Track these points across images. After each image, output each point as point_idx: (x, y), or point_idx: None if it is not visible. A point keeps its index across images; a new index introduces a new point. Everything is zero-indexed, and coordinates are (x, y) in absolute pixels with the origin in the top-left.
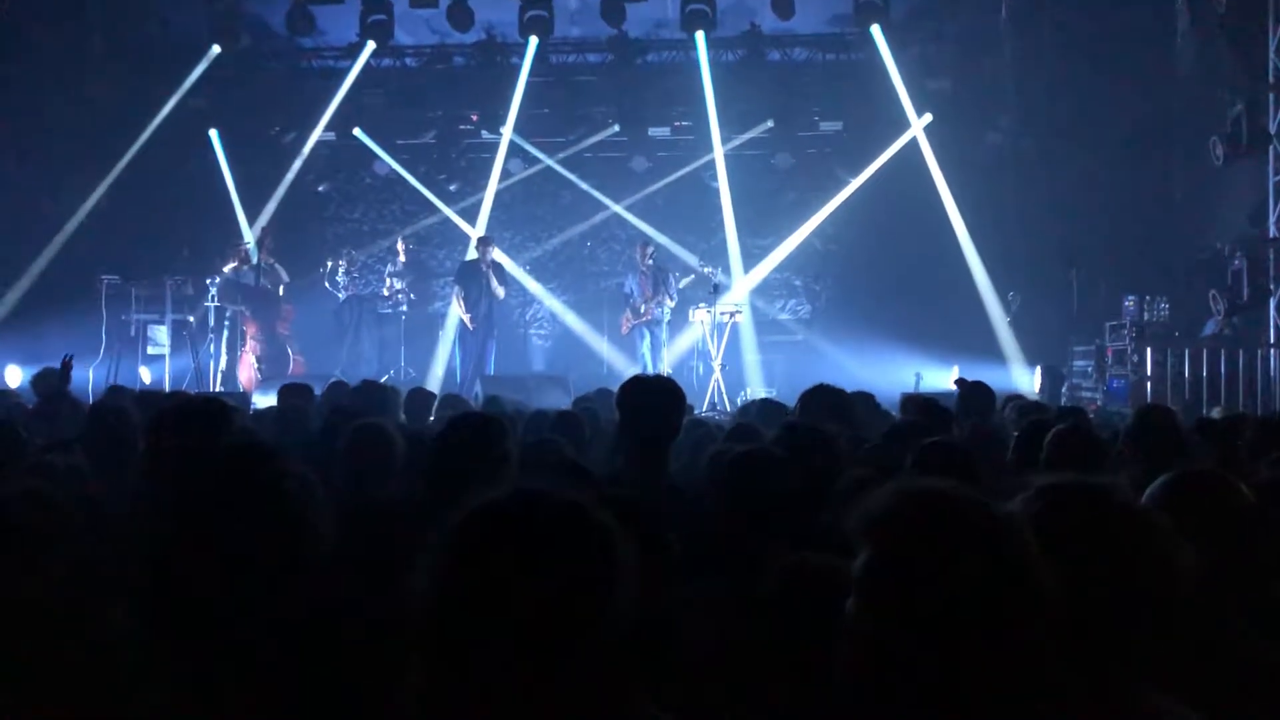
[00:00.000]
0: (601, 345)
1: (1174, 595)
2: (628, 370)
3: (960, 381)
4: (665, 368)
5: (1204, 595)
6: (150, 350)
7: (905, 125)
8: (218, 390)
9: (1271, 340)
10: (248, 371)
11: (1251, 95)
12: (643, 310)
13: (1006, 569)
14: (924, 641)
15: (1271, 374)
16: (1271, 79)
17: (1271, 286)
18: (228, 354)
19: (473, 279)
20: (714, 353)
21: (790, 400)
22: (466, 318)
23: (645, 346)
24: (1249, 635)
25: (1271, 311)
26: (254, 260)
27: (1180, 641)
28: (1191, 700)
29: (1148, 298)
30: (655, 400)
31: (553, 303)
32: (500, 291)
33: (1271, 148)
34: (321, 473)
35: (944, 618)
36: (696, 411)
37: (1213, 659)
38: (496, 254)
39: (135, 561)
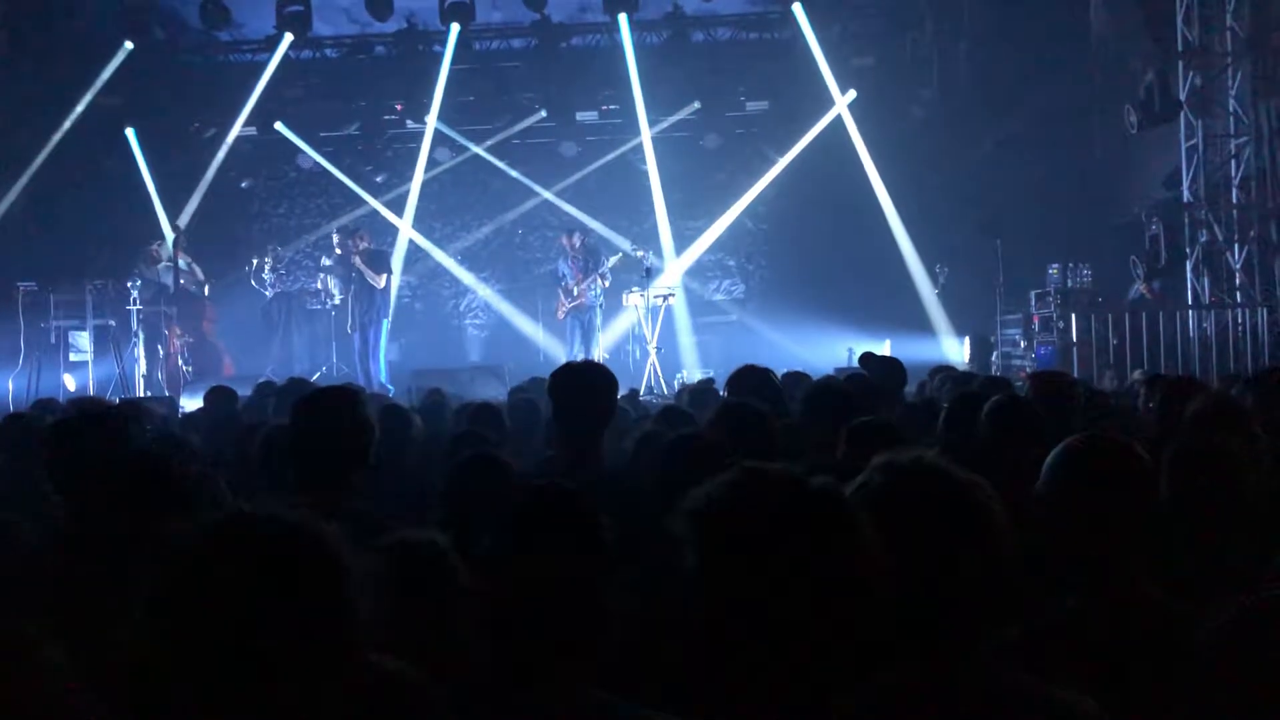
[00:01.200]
0: (537, 333)
1: (997, 563)
2: (564, 358)
3: (866, 357)
4: (601, 353)
5: (1104, 554)
6: (73, 357)
7: (830, 103)
8: (145, 395)
9: (1189, 302)
10: (174, 373)
11: (1162, 64)
12: (575, 292)
13: (833, 546)
14: (760, 629)
15: (1191, 335)
16: (1180, 48)
17: (1188, 250)
18: (147, 357)
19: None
20: (649, 336)
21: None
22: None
23: (577, 343)
24: (1149, 592)
25: (1189, 274)
26: (168, 260)
27: (1084, 599)
28: (1093, 654)
29: (1071, 265)
30: (586, 386)
31: (486, 292)
32: (379, 281)
33: (1183, 114)
34: (246, 475)
35: (774, 603)
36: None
37: (1116, 613)
38: (428, 246)
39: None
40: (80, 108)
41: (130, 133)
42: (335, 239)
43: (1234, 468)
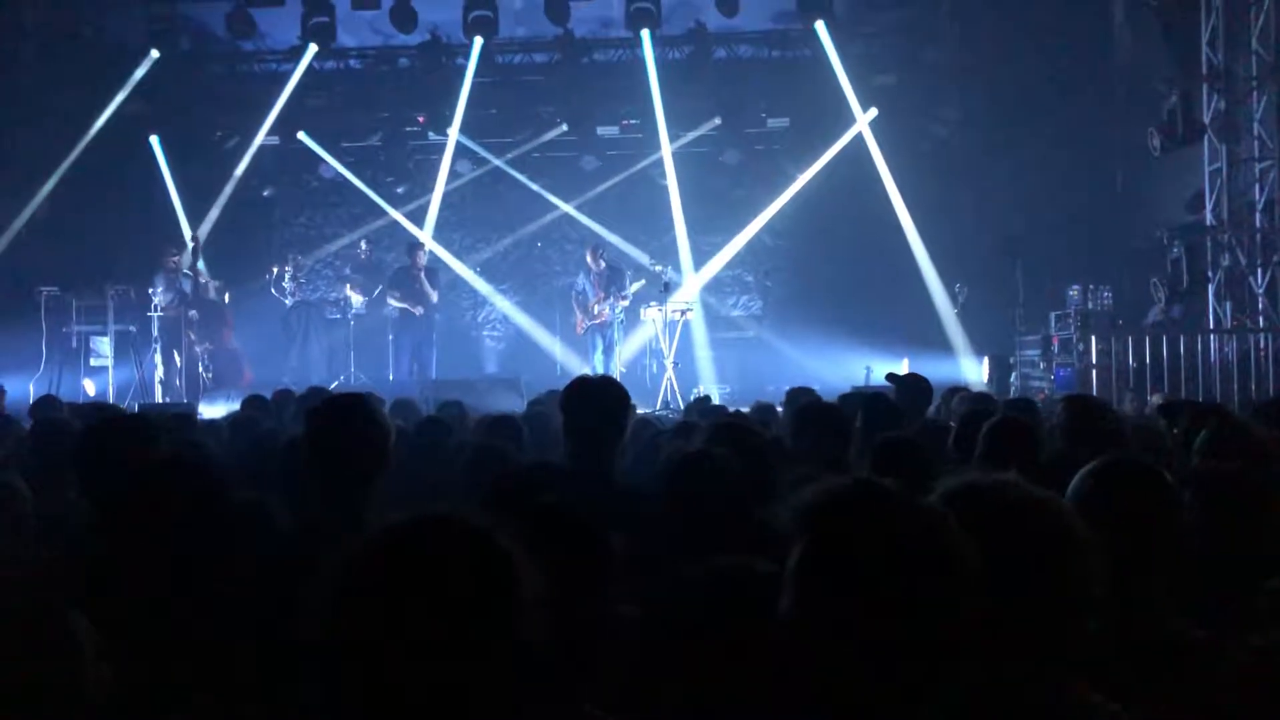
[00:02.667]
0: (554, 346)
1: (1086, 586)
2: (582, 371)
3: (891, 376)
4: (619, 367)
5: (1129, 580)
6: (93, 362)
7: (851, 120)
8: (164, 401)
9: (1211, 326)
10: (192, 379)
11: (1186, 87)
12: (595, 311)
13: (943, 560)
14: (861, 634)
15: (1212, 360)
16: (1205, 71)
17: (1210, 274)
18: (164, 364)
19: (407, 284)
20: (666, 351)
21: (745, 396)
22: (407, 305)
23: (598, 356)
24: (1174, 618)
25: (1210, 298)
26: (186, 269)
27: (1107, 627)
28: (1116, 684)
29: (1092, 286)
30: (599, 400)
31: (504, 304)
32: (433, 295)
33: (1206, 138)
34: (267, 483)
35: (881, 610)
36: (647, 410)
37: (1139, 643)
38: (447, 257)
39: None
40: (105, 115)
41: (154, 140)
42: (363, 247)
43: (1261, 496)
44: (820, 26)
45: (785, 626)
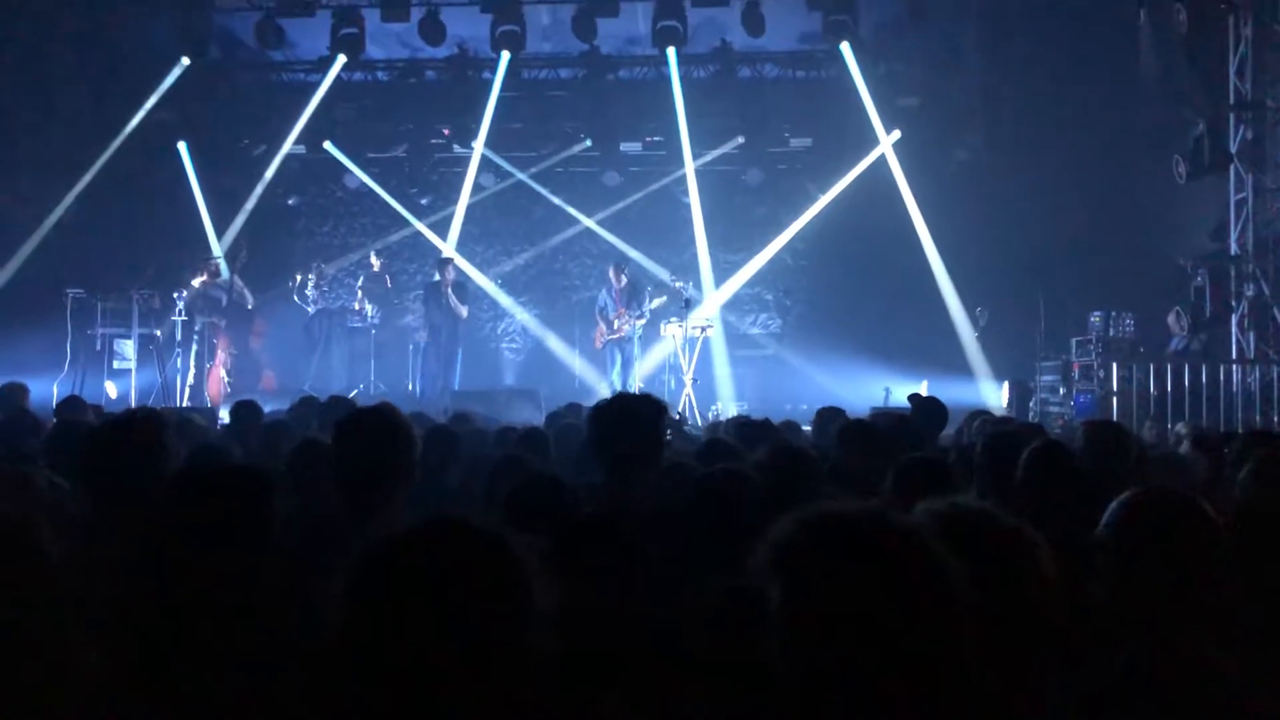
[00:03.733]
0: (573, 359)
1: (1049, 620)
2: (599, 385)
3: (914, 397)
4: (637, 383)
5: (1164, 609)
6: (116, 365)
7: (874, 142)
8: (185, 405)
9: (1234, 356)
10: (216, 385)
11: (1212, 115)
12: (616, 325)
13: (921, 588)
14: (847, 674)
15: (1234, 389)
16: (1232, 100)
17: (1233, 303)
18: (195, 368)
19: (433, 299)
20: (685, 367)
21: (762, 414)
22: (420, 324)
23: (615, 371)
24: (1208, 649)
25: (1234, 328)
26: (224, 275)
27: (1139, 656)
28: (1153, 714)
29: (1114, 313)
30: (633, 418)
31: (524, 317)
32: (462, 311)
33: (1233, 167)
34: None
35: (863, 647)
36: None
37: (1173, 672)
38: (469, 269)
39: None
40: (136, 120)
41: (182, 147)
42: (375, 262)
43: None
44: (845, 48)
45: (773, 674)
